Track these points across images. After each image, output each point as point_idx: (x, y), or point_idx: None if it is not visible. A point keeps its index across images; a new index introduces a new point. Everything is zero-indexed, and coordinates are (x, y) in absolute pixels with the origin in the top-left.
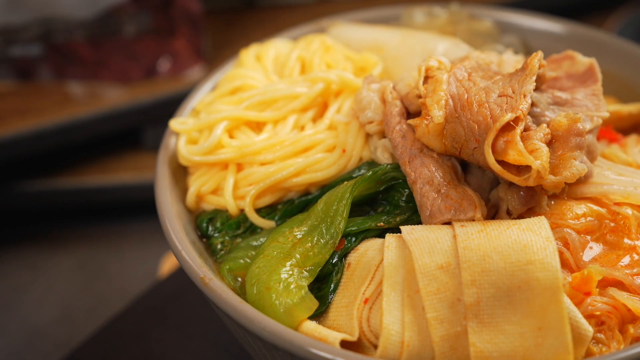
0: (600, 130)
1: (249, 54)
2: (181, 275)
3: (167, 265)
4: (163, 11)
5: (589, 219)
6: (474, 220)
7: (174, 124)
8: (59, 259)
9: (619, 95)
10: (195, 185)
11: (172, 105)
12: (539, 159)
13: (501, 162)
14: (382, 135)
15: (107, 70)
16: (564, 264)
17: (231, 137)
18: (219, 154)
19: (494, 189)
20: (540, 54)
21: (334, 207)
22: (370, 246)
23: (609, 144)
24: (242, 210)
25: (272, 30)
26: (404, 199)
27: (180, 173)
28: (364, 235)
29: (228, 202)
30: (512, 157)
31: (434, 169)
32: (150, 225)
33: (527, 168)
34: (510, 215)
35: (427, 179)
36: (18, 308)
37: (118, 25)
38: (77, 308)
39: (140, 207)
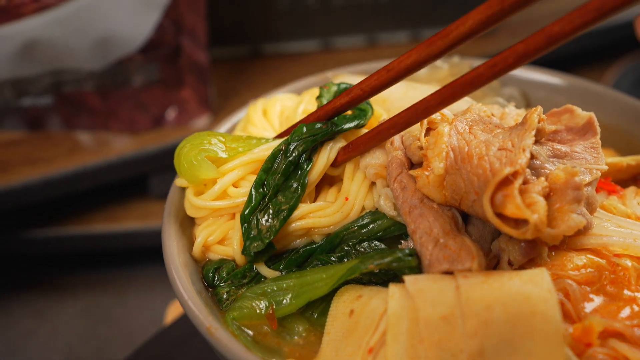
0: (599, 182)
1: (257, 109)
2: (186, 321)
3: (173, 312)
4: (171, 62)
5: (589, 270)
6: (471, 270)
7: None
8: (65, 304)
9: (617, 147)
10: (203, 235)
11: None
12: (536, 212)
13: (500, 215)
14: (386, 182)
15: (115, 120)
16: (565, 314)
17: (236, 186)
18: (227, 201)
19: (496, 239)
20: (539, 109)
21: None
22: (373, 295)
23: (608, 196)
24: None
25: (277, 79)
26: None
27: (187, 223)
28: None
29: (236, 251)
30: (510, 210)
31: (433, 220)
32: (156, 271)
33: (526, 221)
34: (511, 265)
35: (426, 229)
36: (24, 354)
37: (126, 75)
38: (83, 354)
39: (146, 253)
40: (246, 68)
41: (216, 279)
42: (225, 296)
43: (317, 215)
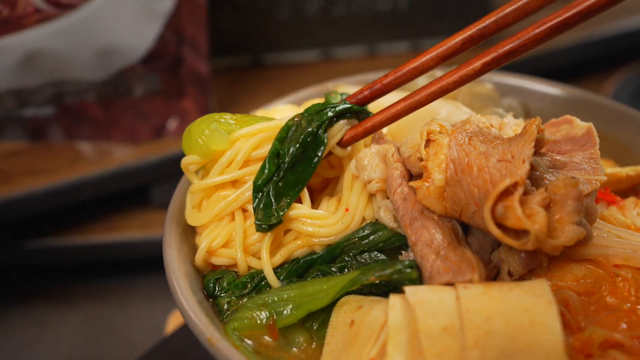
0: (599, 193)
1: None
2: (187, 331)
3: (174, 322)
4: (172, 72)
5: (588, 280)
6: (471, 282)
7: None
8: (67, 314)
9: (616, 157)
10: (206, 241)
11: (179, 164)
12: (536, 223)
13: (500, 226)
14: (386, 194)
15: (116, 130)
16: (565, 325)
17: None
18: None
19: (496, 250)
20: (538, 120)
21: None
22: (374, 305)
23: (607, 206)
24: (250, 268)
25: (277, 89)
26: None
27: (188, 232)
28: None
29: (240, 258)
30: (511, 221)
31: (433, 231)
32: (157, 280)
33: (526, 232)
34: (511, 276)
35: (426, 241)
36: None
37: (128, 86)
38: None
39: (147, 263)
40: (247, 78)
41: (217, 289)
42: (226, 306)
43: (317, 225)
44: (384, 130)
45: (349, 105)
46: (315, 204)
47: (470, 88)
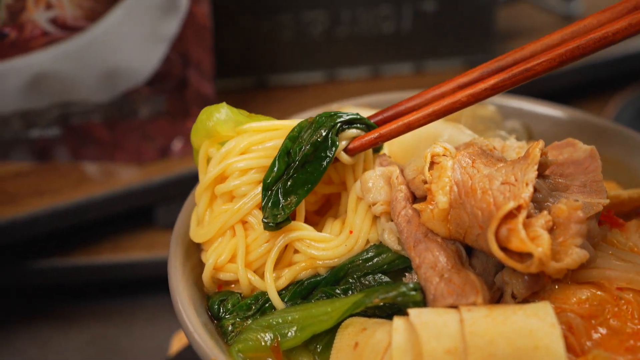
0: (602, 215)
1: None
2: (191, 352)
3: (178, 343)
4: (177, 94)
5: (592, 303)
6: (475, 304)
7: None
8: (72, 335)
9: (619, 180)
10: (213, 257)
11: (184, 184)
12: (540, 246)
13: (504, 249)
14: (390, 216)
15: (122, 151)
16: (569, 348)
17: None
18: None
19: (499, 272)
20: (541, 143)
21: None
22: (378, 327)
23: (610, 229)
24: (254, 289)
25: (281, 110)
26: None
27: (193, 253)
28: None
29: (242, 275)
30: (515, 244)
31: (437, 254)
32: (161, 301)
33: (530, 255)
34: (515, 299)
35: (430, 263)
36: None
37: (133, 107)
38: None
39: (151, 283)
40: (251, 99)
41: (221, 310)
42: (230, 328)
43: (321, 248)
44: (386, 151)
45: (361, 117)
46: (319, 225)
47: (472, 110)
